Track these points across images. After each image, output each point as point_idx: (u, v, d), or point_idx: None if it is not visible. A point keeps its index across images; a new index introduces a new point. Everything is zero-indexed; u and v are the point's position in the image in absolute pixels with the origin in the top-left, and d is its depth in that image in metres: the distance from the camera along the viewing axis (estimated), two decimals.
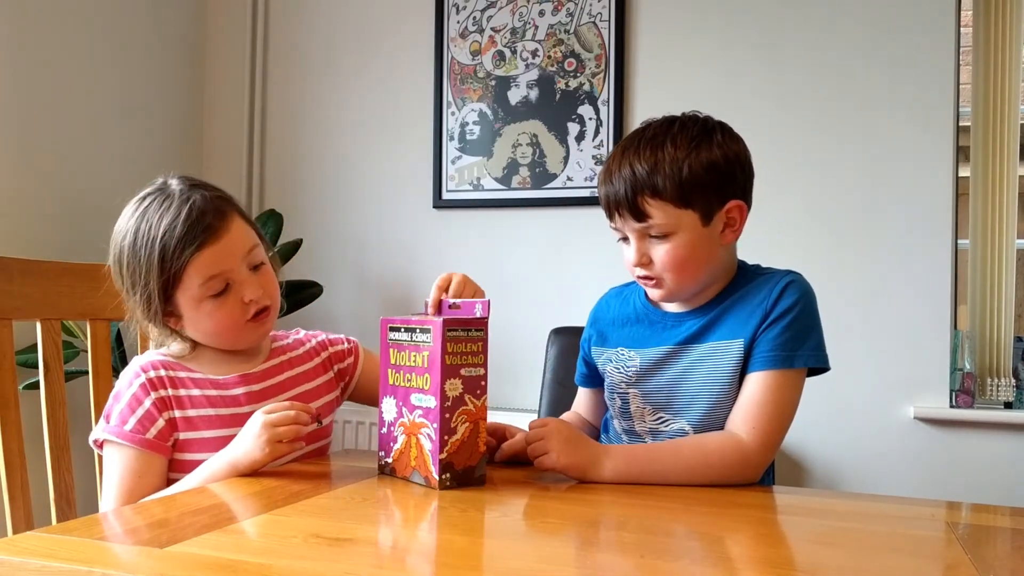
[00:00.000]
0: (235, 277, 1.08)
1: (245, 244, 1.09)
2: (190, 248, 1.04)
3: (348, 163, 2.60)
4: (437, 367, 0.93)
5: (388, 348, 1.01)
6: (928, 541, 0.84)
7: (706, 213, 1.08)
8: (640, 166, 1.07)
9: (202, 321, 1.09)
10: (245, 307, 1.09)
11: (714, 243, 1.10)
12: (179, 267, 1.04)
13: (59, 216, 2.20)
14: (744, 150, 1.13)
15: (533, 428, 1.05)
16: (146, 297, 1.07)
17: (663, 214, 1.07)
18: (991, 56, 2.16)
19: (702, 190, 1.07)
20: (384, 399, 1.03)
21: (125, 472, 1.05)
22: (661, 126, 1.11)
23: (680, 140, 1.08)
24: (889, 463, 2.09)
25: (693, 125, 1.10)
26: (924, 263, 2.08)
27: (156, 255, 1.04)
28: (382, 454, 1.03)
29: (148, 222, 1.06)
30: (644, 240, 1.10)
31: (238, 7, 2.69)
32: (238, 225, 1.09)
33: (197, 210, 1.05)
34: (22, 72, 2.10)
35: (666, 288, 1.12)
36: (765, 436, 1.05)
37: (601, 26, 2.33)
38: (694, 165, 1.06)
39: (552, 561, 0.70)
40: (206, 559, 0.67)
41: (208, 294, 1.06)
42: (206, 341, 1.13)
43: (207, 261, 1.05)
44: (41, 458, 1.22)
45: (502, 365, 2.37)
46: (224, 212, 1.08)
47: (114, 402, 1.09)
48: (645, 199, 1.07)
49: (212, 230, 1.05)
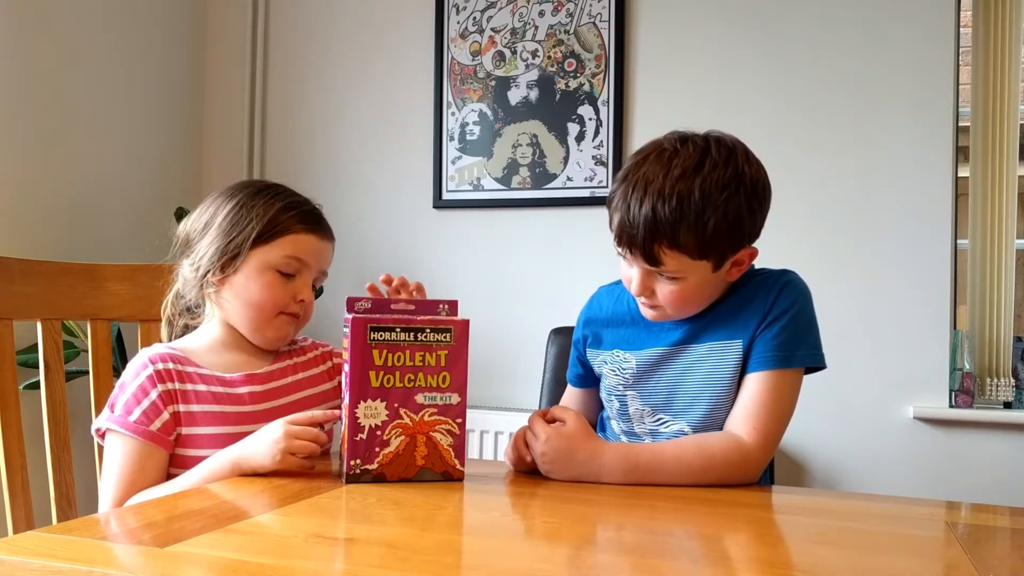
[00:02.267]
0: (305, 275, 1.16)
1: (326, 262, 1.21)
2: (303, 224, 1.15)
3: (348, 163, 2.60)
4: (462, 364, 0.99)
5: (370, 349, 0.97)
6: (928, 541, 0.84)
7: (719, 262, 1.06)
8: (663, 211, 1.00)
9: (253, 288, 1.13)
10: (293, 303, 1.15)
11: (720, 282, 1.11)
12: (284, 230, 1.14)
13: (59, 216, 2.20)
14: (767, 184, 1.08)
15: (534, 431, 1.05)
16: (231, 237, 1.12)
17: (677, 263, 1.04)
18: (991, 56, 2.15)
19: (721, 244, 1.04)
20: (361, 403, 0.97)
21: (127, 463, 1.05)
22: (690, 159, 1.03)
23: (708, 187, 1.01)
24: (889, 463, 2.09)
25: (724, 165, 1.03)
26: (924, 263, 2.08)
27: (275, 209, 1.14)
28: (357, 461, 0.96)
29: (276, 191, 1.18)
30: (651, 276, 1.08)
31: (238, 7, 2.69)
32: (332, 248, 1.22)
33: (320, 212, 1.21)
34: (22, 72, 2.10)
35: (663, 315, 1.12)
36: (765, 436, 1.05)
37: (601, 26, 2.33)
38: (719, 223, 1.01)
39: (552, 561, 0.71)
40: (206, 559, 0.67)
41: (282, 268, 1.13)
42: (235, 312, 1.15)
43: (304, 244, 1.15)
44: (41, 458, 1.23)
45: (502, 365, 2.37)
46: (331, 232, 1.22)
47: (119, 392, 1.08)
48: (662, 248, 1.03)
49: (322, 229, 1.19)
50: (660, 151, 1.06)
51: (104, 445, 1.09)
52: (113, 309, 1.34)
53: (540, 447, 1.03)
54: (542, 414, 1.07)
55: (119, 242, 2.31)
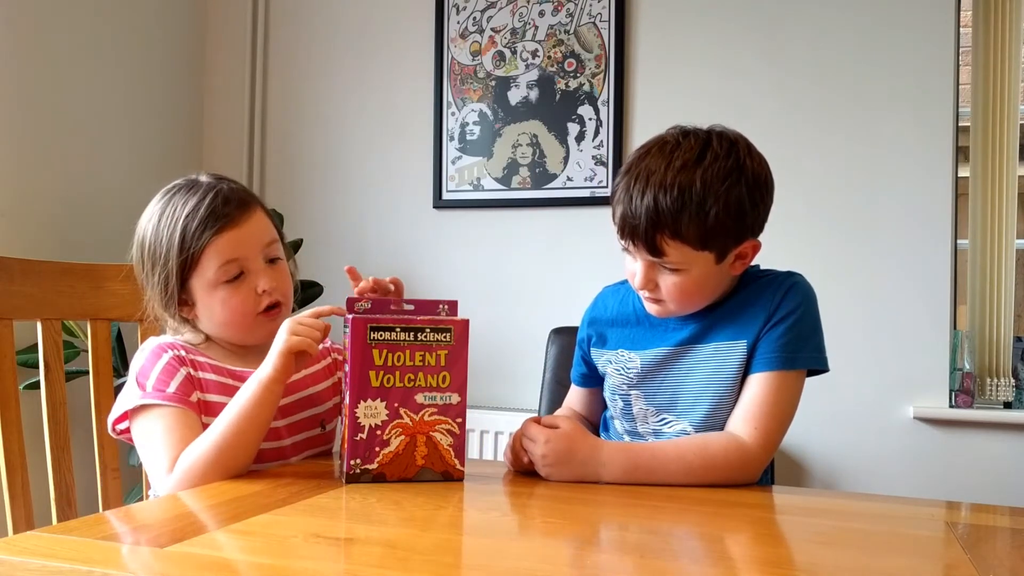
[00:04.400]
0: (251, 266, 1.10)
1: (264, 236, 1.12)
2: (210, 230, 1.07)
3: (348, 163, 2.60)
4: (462, 364, 0.98)
5: (370, 349, 0.97)
6: (927, 541, 0.84)
7: (722, 254, 1.06)
8: (664, 201, 1.01)
9: (215, 308, 1.09)
10: (258, 298, 1.10)
11: (723, 275, 1.10)
12: (198, 248, 1.07)
13: (59, 216, 2.20)
14: (769, 177, 1.09)
15: (530, 435, 1.05)
16: (163, 279, 1.09)
17: (679, 254, 1.04)
18: (991, 56, 2.16)
19: (723, 234, 1.04)
20: (361, 403, 0.97)
21: (175, 429, 1.01)
22: (692, 151, 1.04)
23: (710, 177, 1.02)
24: (889, 463, 2.09)
25: (726, 157, 1.04)
26: (924, 263, 2.08)
27: (177, 235, 1.07)
28: (357, 461, 0.97)
29: (173, 206, 1.09)
30: (653, 268, 1.08)
31: (238, 7, 2.69)
32: (259, 217, 1.13)
33: (222, 197, 1.09)
34: (22, 72, 2.10)
35: (666, 310, 1.12)
36: (766, 437, 1.05)
37: (601, 26, 2.33)
38: (721, 212, 1.02)
39: (552, 561, 0.71)
40: (206, 559, 0.67)
41: (223, 279, 1.08)
42: (217, 332, 1.13)
43: (225, 245, 1.08)
44: (41, 458, 1.22)
45: (502, 365, 2.37)
46: (247, 202, 1.12)
47: (143, 374, 1.06)
48: (664, 239, 1.03)
49: (233, 216, 1.09)
50: (662, 144, 1.07)
51: (135, 427, 1.05)
52: (113, 309, 1.34)
53: (540, 449, 1.03)
54: (536, 420, 1.08)
55: (119, 242, 2.30)
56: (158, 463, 1.01)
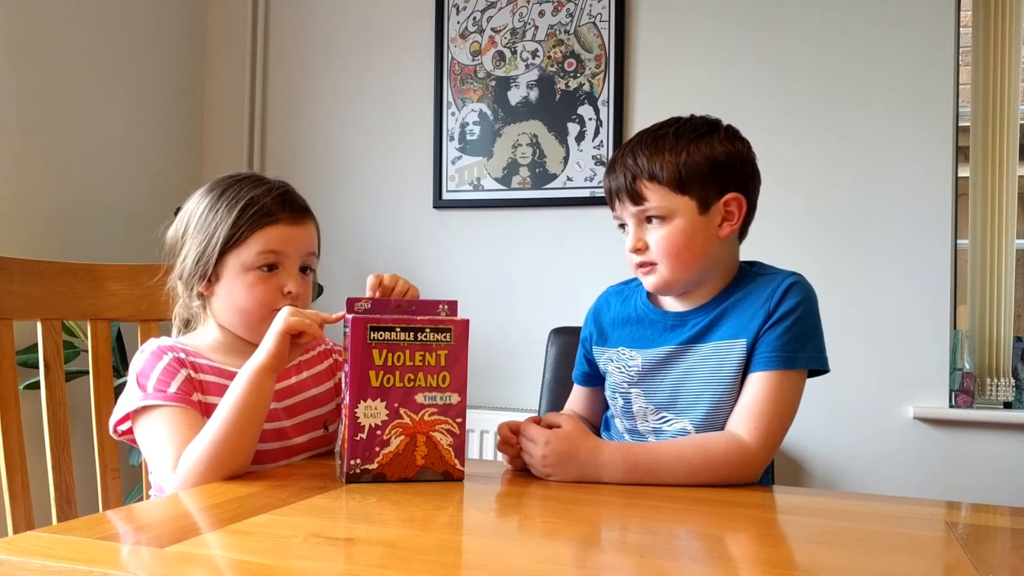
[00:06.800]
0: (287, 265, 1.13)
1: (309, 244, 1.16)
2: (268, 217, 1.11)
3: (348, 163, 2.60)
4: (462, 364, 0.99)
5: (370, 349, 0.97)
6: (927, 541, 0.84)
7: (703, 201, 1.10)
8: (642, 152, 1.11)
9: (238, 290, 1.11)
10: (281, 297, 1.12)
11: (711, 234, 1.11)
12: (250, 230, 1.10)
13: (59, 216, 2.20)
14: (748, 151, 1.15)
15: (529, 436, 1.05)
16: (204, 245, 1.11)
17: (660, 197, 1.10)
18: (991, 56, 2.16)
19: (700, 178, 1.10)
20: (361, 403, 0.97)
21: (178, 428, 1.01)
22: (667, 122, 1.15)
23: (683, 132, 1.12)
24: (888, 463, 2.09)
25: (700, 122, 1.14)
26: (924, 263, 2.08)
27: (237, 209, 1.10)
28: (357, 461, 0.97)
29: (241, 186, 1.13)
30: (642, 226, 1.12)
31: (238, 7, 2.69)
32: (312, 228, 1.18)
33: (290, 195, 1.16)
34: (22, 72, 2.10)
35: (660, 276, 1.12)
36: (766, 437, 1.05)
37: (601, 26, 2.33)
38: (693, 154, 1.10)
39: (552, 561, 0.71)
40: (206, 559, 0.67)
41: (259, 264, 1.10)
42: (227, 318, 1.13)
43: (275, 236, 1.11)
44: (41, 458, 1.23)
45: (502, 365, 2.37)
46: (307, 210, 1.18)
47: (143, 376, 1.06)
48: (643, 183, 1.10)
49: (292, 215, 1.14)
50: (642, 129, 1.17)
51: (138, 429, 1.05)
52: (113, 309, 1.34)
53: (540, 450, 1.03)
54: (535, 420, 1.08)
55: (119, 242, 2.31)
56: (162, 463, 1.01)
